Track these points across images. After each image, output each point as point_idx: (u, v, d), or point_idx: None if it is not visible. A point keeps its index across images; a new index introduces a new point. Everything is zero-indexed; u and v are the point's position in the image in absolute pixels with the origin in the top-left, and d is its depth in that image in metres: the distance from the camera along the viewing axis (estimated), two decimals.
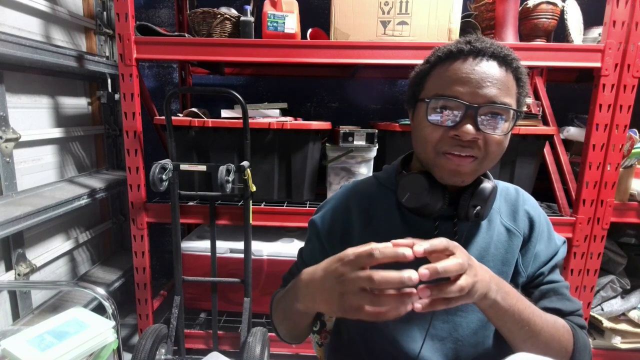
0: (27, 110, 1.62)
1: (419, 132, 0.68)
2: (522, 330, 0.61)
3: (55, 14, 1.74)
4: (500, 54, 0.63)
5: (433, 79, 0.66)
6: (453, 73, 0.63)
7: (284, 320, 0.73)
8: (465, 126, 0.61)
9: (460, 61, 0.63)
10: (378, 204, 0.75)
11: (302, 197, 1.65)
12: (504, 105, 0.62)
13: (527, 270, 0.73)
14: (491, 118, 0.62)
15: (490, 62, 0.62)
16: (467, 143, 0.62)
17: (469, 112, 0.61)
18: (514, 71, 0.64)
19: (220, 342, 1.68)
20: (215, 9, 1.50)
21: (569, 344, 0.66)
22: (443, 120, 0.63)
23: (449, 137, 0.63)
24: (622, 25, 1.37)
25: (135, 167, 1.54)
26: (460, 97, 0.61)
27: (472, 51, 0.63)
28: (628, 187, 1.54)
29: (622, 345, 1.63)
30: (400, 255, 0.48)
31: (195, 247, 1.71)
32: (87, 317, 1.11)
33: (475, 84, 0.61)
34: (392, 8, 1.42)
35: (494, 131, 0.62)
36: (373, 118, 2.18)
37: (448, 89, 0.63)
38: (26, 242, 1.55)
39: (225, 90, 1.39)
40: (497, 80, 0.61)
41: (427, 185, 0.66)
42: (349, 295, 0.50)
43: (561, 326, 0.67)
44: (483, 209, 0.67)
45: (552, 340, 0.64)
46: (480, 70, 0.62)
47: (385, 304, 0.49)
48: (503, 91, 0.62)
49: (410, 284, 0.47)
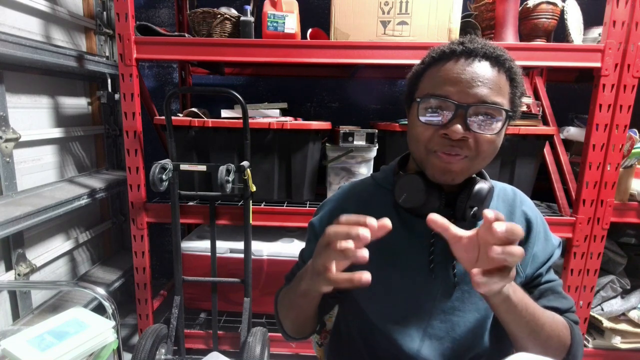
0: (27, 110, 1.62)
1: (411, 131, 0.69)
2: (528, 325, 0.63)
3: (55, 14, 1.74)
4: (492, 55, 0.63)
5: (426, 79, 0.67)
6: (445, 73, 0.64)
7: (290, 310, 0.74)
8: (455, 126, 0.61)
9: (452, 62, 0.64)
10: (375, 205, 0.76)
11: (302, 197, 1.65)
12: (495, 104, 0.62)
13: (525, 271, 0.73)
14: (482, 117, 0.63)
15: (482, 63, 0.63)
16: (457, 142, 0.63)
17: (458, 112, 0.62)
18: (507, 71, 0.64)
19: (220, 342, 1.68)
20: (215, 9, 1.50)
21: (567, 339, 0.69)
22: (433, 119, 0.64)
23: (439, 136, 0.64)
24: (622, 25, 1.37)
25: (135, 167, 1.54)
26: (450, 96, 0.62)
27: (465, 52, 0.63)
28: (628, 187, 1.54)
29: (622, 345, 1.63)
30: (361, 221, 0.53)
31: (195, 247, 1.71)
32: (87, 317, 1.11)
33: (465, 84, 0.62)
34: (392, 8, 1.42)
35: (485, 131, 0.63)
36: (373, 118, 2.18)
37: (439, 89, 0.63)
38: (26, 242, 1.55)
39: (225, 90, 1.39)
40: (488, 80, 0.62)
41: (424, 186, 0.67)
42: (320, 257, 0.54)
43: (560, 322, 0.69)
44: (480, 210, 0.68)
45: (553, 335, 0.67)
46: (471, 70, 0.62)
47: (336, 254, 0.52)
48: (494, 91, 0.62)
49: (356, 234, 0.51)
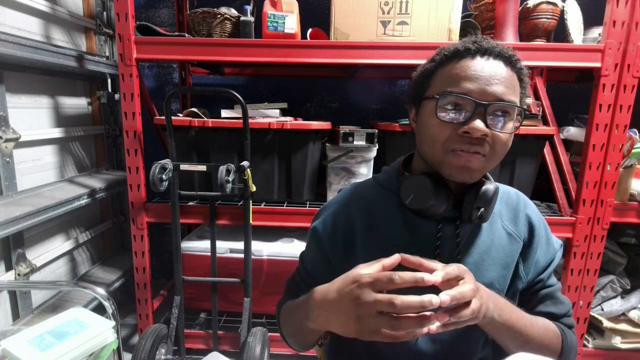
0: (27, 110, 1.62)
1: (425, 130, 0.67)
2: (515, 340, 0.65)
3: (55, 14, 1.74)
4: (506, 54, 0.63)
5: (440, 77, 0.66)
6: (461, 70, 0.63)
7: (295, 334, 0.74)
8: (476, 122, 0.60)
9: (468, 59, 0.63)
10: (379, 207, 0.75)
11: (302, 197, 1.65)
12: (512, 103, 0.62)
13: (527, 276, 0.73)
14: (499, 116, 0.63)
15: (497, 61, 0.63)
16: (477, 140, 0.62)
17: (478, 109, 0.61)
18: (518, 72, 0.65)
19: (220, 342, 1.68)
20: (215, 9, 1.50)
21: (557, 347, 0.71)
22: (452, 117, 0.63)
23: (458, 134, 0.62)
24: (622, 25, 1.37)
25: (135, 167, 1.54)
26: (470, 94, 0.61)
27: (479, 50, 0.63)
28: (628, 187, 1.54)
29: (622, 345, 1.63)
30: (419, 280, 0.49)
31: (195, 247, 1.71)
32: (87, 317, 1.11)
33: (484, 82, 0.61)
34: (392, 8, 1.42)
35: (502, 129, 0.63)
36: (373, 118, 2.18)
37: (457, 86, 0.62)
38: (26, 242, 1.54)
39: (225, 90, 1.39)
40: (505, 79, 0.62)
41: (432, 187, 0.66)
42: (366, 319, 0.50)
43: (551, 332, 0.71)
44: (486, 211, 0.68)
45: (542, 346, 0.68)
46: (489, 68, 0.62)
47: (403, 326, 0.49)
48: (510, 89, 0.62)
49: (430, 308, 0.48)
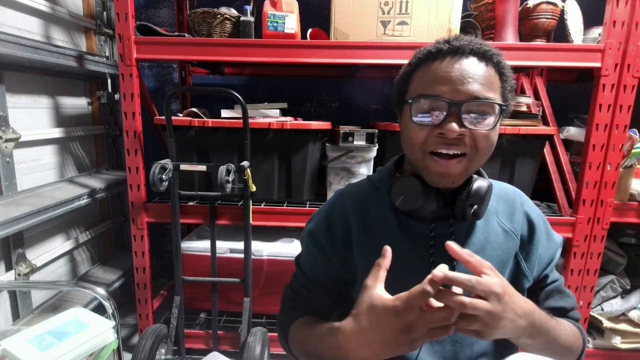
0: (27, 110, 1.62)
1: (405, 134, 0.68)
2: (545, 352, 0.64)
3: (55, 14, 1.74)
4: (479, 50, 0.63)
5: (415, 80, 0.66)
6: (433, 73, 0.63)
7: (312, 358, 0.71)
8: (450, 124, 0.61)
9: (439, 61, 0.63)
10: (373, 207, 0.75)
11: (302, 197, 1.65)
12: (487, 99, 0.61)
13: (532, 274, 0.73)
14: (476, 114, 0.62)
15: (470, 59, 0.62)
16: (453, 140, 0.62)
17: (452, 110, 0.61)
18: (496, 66, 0.64)
19: (220, 342, 1.68)
20: (215, 9, 1.50)
21: (578, 350, 0.71)
22: (426, 120, 0.63)
23: (434, 135, 0.63)
24: (622, 25, 1.37)
25: (135, 167, 1.54)
26: (442, 95, 0.61)
27: (451, 50, 0.63)
28: (628, 187, 1.54)
29: (622, 345, 1.63)
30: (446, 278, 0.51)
31: (195, 247, 1.71)
32: (87, 317, 1.11)
33: (456, 81, 0.61)
34: (392, 8, 1.42)
35: (480, 126, 0.62)
36: (373, 118, 2.18)
37: (430, 89, 0.63)
38: (26, 242, 1.54)
39: (225, 90, 1.39)
40: (479, 76, 0.61)
41: (420, 188, 0.66)
42: (421, 338, 0.52)
43: (575, 334, 0.71)
44: (480, 208, 0.67)
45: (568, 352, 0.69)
46: (460, 67, 0.62)
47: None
48: (485, 86, 0.61)
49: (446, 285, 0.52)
